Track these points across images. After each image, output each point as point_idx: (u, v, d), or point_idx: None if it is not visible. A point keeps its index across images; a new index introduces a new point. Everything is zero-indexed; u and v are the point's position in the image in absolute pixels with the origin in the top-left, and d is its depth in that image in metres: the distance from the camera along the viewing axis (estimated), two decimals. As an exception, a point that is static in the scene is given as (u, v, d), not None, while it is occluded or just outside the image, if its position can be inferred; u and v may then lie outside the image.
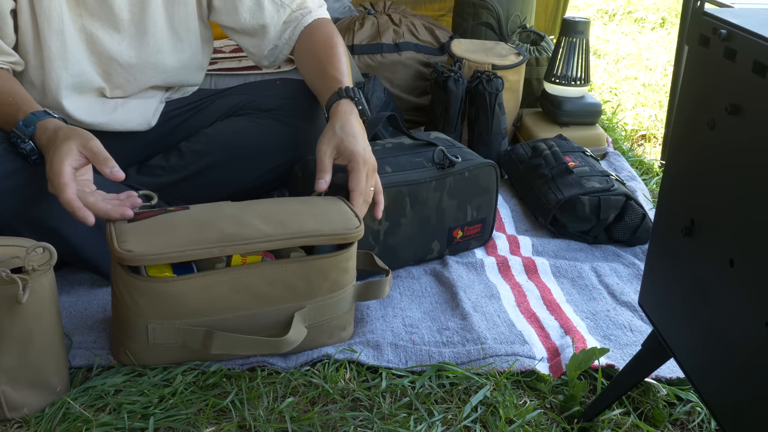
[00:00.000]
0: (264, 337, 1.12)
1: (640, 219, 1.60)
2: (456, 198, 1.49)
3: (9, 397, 1.03)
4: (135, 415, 1.06)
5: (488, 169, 1.52)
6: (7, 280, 0.96)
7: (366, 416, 1.08)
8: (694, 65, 0.85)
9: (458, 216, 1.51)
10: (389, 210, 1.40)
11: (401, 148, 1.49)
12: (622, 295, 1.42)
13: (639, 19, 4.08)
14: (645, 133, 2.41)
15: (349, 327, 1.25)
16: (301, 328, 1.15)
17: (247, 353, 1.16)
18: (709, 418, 1.10)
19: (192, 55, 1.45)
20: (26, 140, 1.16)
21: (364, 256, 1.29)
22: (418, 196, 1.43)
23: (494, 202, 1.57)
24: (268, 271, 1.12)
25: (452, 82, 1.94)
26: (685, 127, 0.87)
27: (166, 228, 1.10)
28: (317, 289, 1.16)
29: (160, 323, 1.09)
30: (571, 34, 2.08)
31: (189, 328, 1.10)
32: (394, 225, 1.43)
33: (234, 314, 1.12)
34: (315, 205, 1.20)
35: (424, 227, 1.47)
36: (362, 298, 1.25)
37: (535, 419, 1.08)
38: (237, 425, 1.05)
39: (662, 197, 0.93)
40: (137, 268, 1.08)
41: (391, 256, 1.45)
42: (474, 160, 1.51)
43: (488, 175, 1.53)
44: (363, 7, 2.42)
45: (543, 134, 2.04)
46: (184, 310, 1.09)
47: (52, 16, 1.27)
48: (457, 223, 1.51)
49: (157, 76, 1.43)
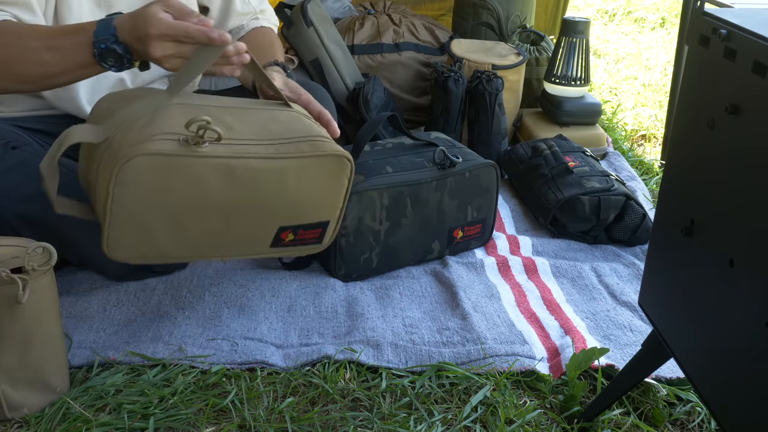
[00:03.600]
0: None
1: (640, 219, 1.60)
2: (456, 198, 1.49)
3: (9, 397, 1.03)
4: (135, 415, 1.06)
5: (489, 170, 1.52)
6: (7, 280, 0.96)
7: (366, 416, 1.08)
8: (694, 65, 0.85)
9: (459, 216, 1.51)
10: (390, 210, 1.40)
11: (402, 148, 1.49)
12: (622, 295, 1.42)
13: (639, 19, 4.08)
14: (645, 133, 2.41)
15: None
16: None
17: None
18: (709, 418, 1.10)
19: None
20: (113, 42, 1.09)
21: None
22: (419, 196, 1.43)
23: (494, 203, 1.57)
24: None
25: (452, 82, 1.94)
26: (685, 127, 0.87)
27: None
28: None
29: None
30: (571, 34, 2.07)
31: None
32: (394, 225, 1.43)
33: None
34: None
35: (425, 227, 1.47)
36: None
37: (535, 419, 1.08)
38: (237, 425, 1.05)
39: (662, 197, 0.93)
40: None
41: (391, 256, 1.45)
42: (474, 161, 1.51)
43: (489, 176, 1.53)
44: (363, 7, 2.42)
45: (543, 134, 2.04)
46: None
47: (73, 5, 1.27)
48: (458, 223, 1.51)
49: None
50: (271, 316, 1.32)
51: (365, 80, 1.99)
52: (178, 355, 1.19)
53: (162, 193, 1.02)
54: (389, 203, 1.38)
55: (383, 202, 1.40)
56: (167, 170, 1.00)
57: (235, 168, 1.04)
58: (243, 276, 1.43)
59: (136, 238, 1.04)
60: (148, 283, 1.39)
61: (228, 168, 1.04)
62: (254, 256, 1.16)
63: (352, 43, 2.21)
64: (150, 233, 1.04)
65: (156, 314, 1.30)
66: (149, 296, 1.36)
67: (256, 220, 1.10)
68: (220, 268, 1.46)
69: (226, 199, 1.06)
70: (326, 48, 2.06)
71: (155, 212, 1.03)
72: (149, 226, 1.04)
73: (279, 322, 1.30)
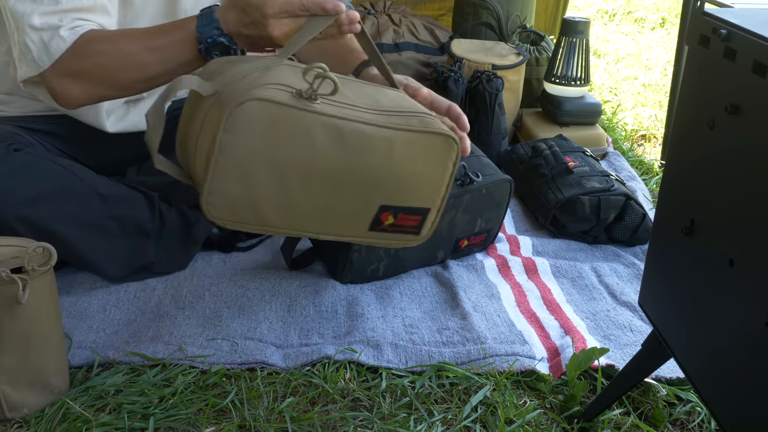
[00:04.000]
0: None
1: (640, 219, 1.60)
2: (469, 213, 1.48)
3: (9, 397, 1.03)
4: (135, 415, 1.06)
5: (504, 185, 1.51)
6: (7, 280, 0.96)
7: (366, 416, 1.08)
8: (694, 65, 0.85)
9: (467, 228, 1.50)
10: None
11: None
12: (622, 295, 1.42)
13: (639, 19, 4.08)
14: (645, 133, 2.41)
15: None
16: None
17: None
18: (709, 418, 1.10)
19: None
20: (219, 36, 1.11)
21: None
22: None
23: (503, 215, 1.56)
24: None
25: (452, 82, 1.94)
26: (685, 127, 0.87)
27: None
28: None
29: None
30: (571, 34, 2.07)
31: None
32: None
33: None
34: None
35: (433, 239, 1.44)
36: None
37: (535, 419, 1.08)
38: (237, 425, 1.06)
39: (662, 197, 0.93)
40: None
41: (398, 266, 1.45)
42: (493, 176, 1.49)
43: (503, 191, 1.51)
44: (363, 7, 2.42)
45: (543, 134, 2.04)
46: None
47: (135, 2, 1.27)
48: (465, 234, 1.51)
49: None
50: (271, 315, 1.32)
51: (365, 80, 2.00)
52: (178, 355, 1.19)
53: (270, 144, 0.99)
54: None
55: None
56: (277, 120, 0.98)
57: (344, 130, 1.01)
58: (243, 276, 1.43)
59: (238, 192, 1.00)
60: (148, 283, 1.39)
61: (337, 128, 1.01)
62: (351, 238, 1.11)
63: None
64: (253, 188, 1.00)
65: (156, 314, 1.30)
66: (149, 296, 1.36)
67: (359, 191, 1.06)
68: (220, 268, 1.46)
69: (332, 161, 1.03)
70: (326, 48, 2.06)
71: (261, 164, 1.00)
72: (253, 180, 1.00)
73: (279, 322, 1.30)
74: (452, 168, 1.10)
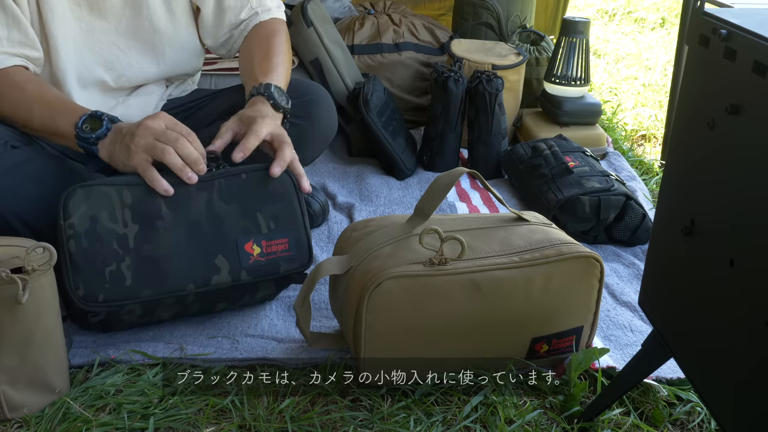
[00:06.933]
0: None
1: (640, 219, 1.60)
2: (236, 202, 1.21)
3: (9, 397, 1.03)
4: (135, 415, 1.06)
5: (283, 176, 1.24)
6: (7, 280, 0.96)
7: (366, 416, 1.08)
8: (694, 65, 0.85)
9: (246, 225, 1.22)
10: (135, 209, 1.17)
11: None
12: (622, 295, 1.42)
13: (639, 19, 4.08)
14: (645, 133, 2.41)
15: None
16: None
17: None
18: (709, 418, 1.10)
19: (189, 34, 1.45)
20: (95, 142, 1.21)
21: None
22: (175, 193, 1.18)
23: (299, 213, 1.25)
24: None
25: (452, 82, 1.94)
26: (685, 127, 0.87)
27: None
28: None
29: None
30: (571, 34, 2.07)
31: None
32: (146, 229, 1.17)
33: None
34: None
35: (199, 239, 1.19)
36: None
37: (535, 419, 1.08)
38: (237, 425, 1.05)
39: (662, 197, 0.93)
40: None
41: (150, 271, 1.17)
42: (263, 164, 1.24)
43: (278, 182, 1.23)
44: (363, 7, 2.42)
45: (543, 134, 2.04)
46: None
47: (55, 3, 1.28)
48: (248, 235, 1.22)
49: (157, 59, 1.42)
50: (272, 314, 1.32)
51: (365, 80, 1.99)
52: (178, 354, 1.19)
53: (411, 312, 1.07)
54: (132, 201, 1.16)
55: (124, 200, 1.15)
56: (413, 290, 1.05)
57: (480, 282, 1.08)
58: (243, 276, 1.43)
59: (390, 360, 1.10)
60: (148, 283, 1.39)
61: (473, 282, 1.07)
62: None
63: (352, 43, 2.21)
64: (403, 351, 1.10)
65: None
66: (149, 296, 1.35)
67: (507, 333, 1.13)
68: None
69: (475, 314, 1.09)
70: (326, 48, 2.06)
71: (407, 333, 1.08)
72: (401, 345, 1.09)
73: (279, 320, 1.30)
74: (598, 284, 1.15)
